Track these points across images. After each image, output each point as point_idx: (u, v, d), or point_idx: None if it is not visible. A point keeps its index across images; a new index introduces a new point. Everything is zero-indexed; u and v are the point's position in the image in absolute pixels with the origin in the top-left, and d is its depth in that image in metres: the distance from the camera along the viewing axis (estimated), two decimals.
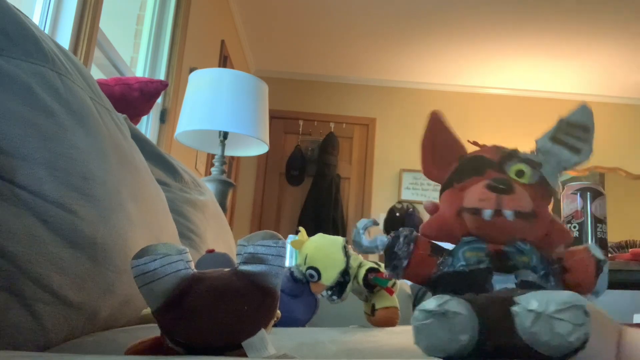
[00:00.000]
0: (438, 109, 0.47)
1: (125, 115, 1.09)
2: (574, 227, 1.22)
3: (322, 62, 4.30)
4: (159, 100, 2.35)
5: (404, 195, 4.30)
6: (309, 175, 4.34)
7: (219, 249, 1.05)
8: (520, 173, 0.41)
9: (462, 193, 0.41)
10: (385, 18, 3.56)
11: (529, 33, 3.61)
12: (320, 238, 0.79)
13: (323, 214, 4.12)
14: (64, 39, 1.56)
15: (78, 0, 1.59)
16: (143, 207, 0.72)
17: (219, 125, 1.80)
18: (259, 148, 2.01)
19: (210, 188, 1.80)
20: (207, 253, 0.79)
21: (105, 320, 0.61)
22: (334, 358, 0.54)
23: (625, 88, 4.34)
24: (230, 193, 2.03)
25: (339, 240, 0.78)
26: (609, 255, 1.42)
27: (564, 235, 0.42)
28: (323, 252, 0.76)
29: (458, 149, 0.45)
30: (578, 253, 0.41)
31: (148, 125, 2.28)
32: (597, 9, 3.28)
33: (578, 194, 1.25)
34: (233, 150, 2.08)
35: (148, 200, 0.76)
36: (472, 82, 4.44)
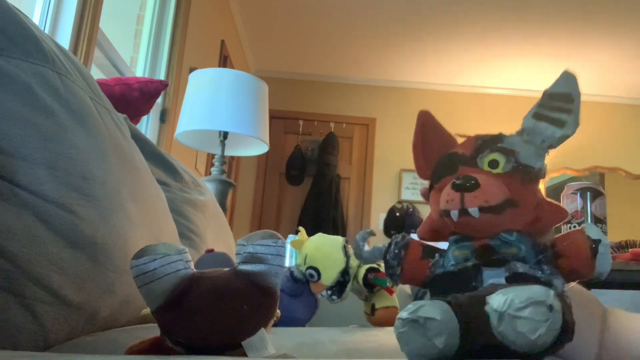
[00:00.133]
0: (426, 109, 0.47)
1: (125, 115, 1.09)
2: (574, 227, 1.22)
3: (322, 62, 4.30)
4: (159, 100, 2.35)
5: (404, 195, 4.30)
6: (309, 175, 4.34)
7: (219, 249, 1.06)
8: (494, 163, 0.40)
9: (440, 194, 0.40)
10: (385, 18, 3.56)
11: (529, 33, 3.61)
12: (320, 238, 0.79)
13: (323, 214, 4.12)
14: (64, 39, 1.56)
15: (78, 0, 1.59)
16: (143, 207, 0.72)
17: (219, 125, 1.80)
18: (259, 148, 2.01)
19: (210, 188, 1.81)
20: (206, 253, 0.79)
21: (105, 320, 0.61)
22: (334, 358, 0.54)
23: (625, 88, 4.34)
24: (230, 193, 2.03)
25: (339, 240, 0.78)
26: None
27: (557, 215, 0.40)
28: (323, 252, 0.76)
29: (449, 146, 0.45)
30: (570, 236, 0.39)
31: (148, 125, 2.28)
32: (597, 9, 3.28)
33: (578, 194, 1.25)
34: (233, 150, 2.08)
35: (148, 200, 0.76)
36: (472, 82, 4.44)
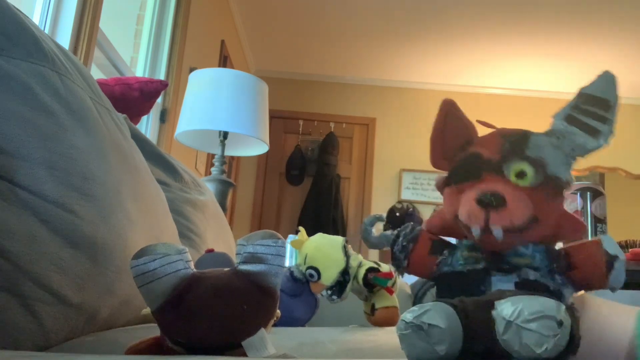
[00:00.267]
0: (449, 98, 0.44)
1: (125, 115, 1.09)
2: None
3: (322, 62, 4.30)
4: (159, 100, 2.35)
5: (404, 195, 4.30)
6: (309, 175, 4.34)
7: (219, 249, 1.06)
8: (522, 174, 0.38)
9: (459, 196, 0.39)
10: (385, 18, 3.56)
11: (529, 33, 3.60)
12: (320, 238, 0.79)
13: (323, 214, 4.12)
14: (64, 39, 1.56)
15: (78, 0, 1.59)
16: (143, 207, 0.72)
17: (219, 125, 1.80)
18: (259, 148, 2.01)
19: (210, 188, 1.81)
20: (206, 253, 0.79)
21: (105, 320, 0.61)
22: (334, 358, 0.54)
23: (626, 88, 4.33)
24: (230, 193, 2.03)
25: (339, 240, 0.78)
26: None
27: (576, 231, 0.39)
28: (323, 251, 0.76)
29: (468, 136, 0.43)
30: (587, 248, 0.37)
31: (148, 125, 2.28)
32: (597, 9, 3.28)
33: (578, 194, 1.25)
34: (233, 150, 2.08)
35: (148, 200, 0.76)
36: (472, 82, 4.44)
